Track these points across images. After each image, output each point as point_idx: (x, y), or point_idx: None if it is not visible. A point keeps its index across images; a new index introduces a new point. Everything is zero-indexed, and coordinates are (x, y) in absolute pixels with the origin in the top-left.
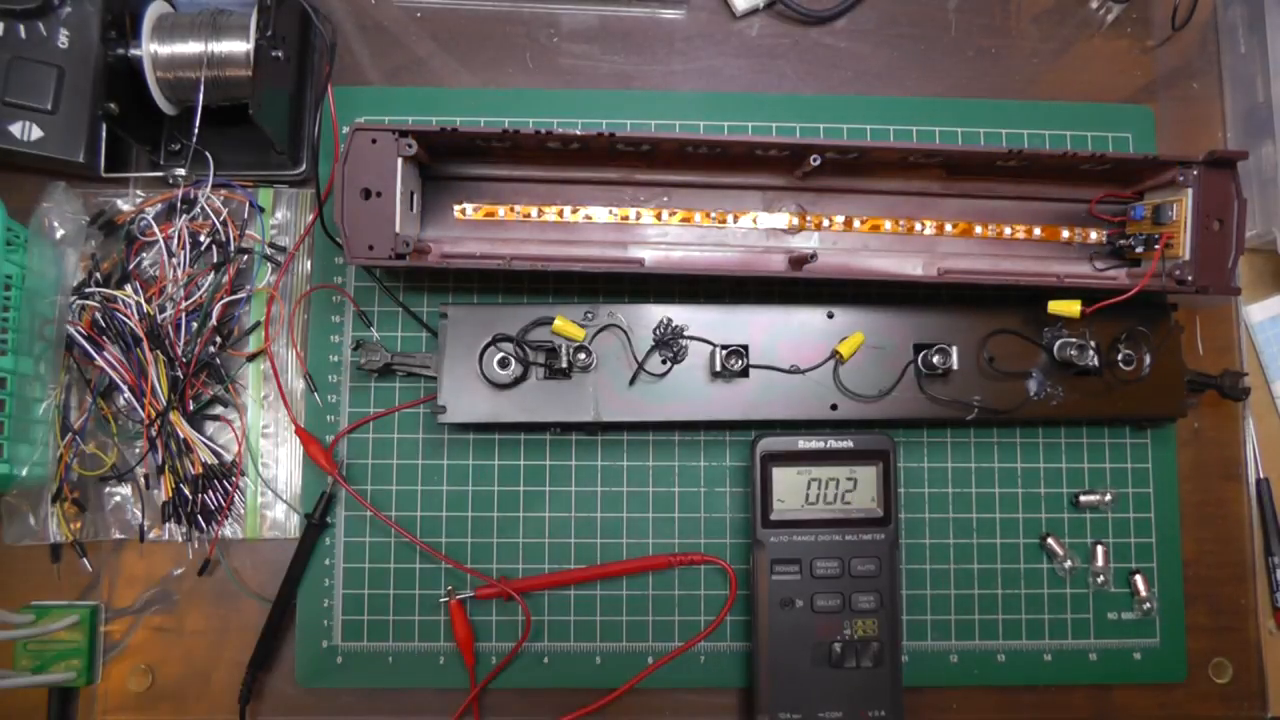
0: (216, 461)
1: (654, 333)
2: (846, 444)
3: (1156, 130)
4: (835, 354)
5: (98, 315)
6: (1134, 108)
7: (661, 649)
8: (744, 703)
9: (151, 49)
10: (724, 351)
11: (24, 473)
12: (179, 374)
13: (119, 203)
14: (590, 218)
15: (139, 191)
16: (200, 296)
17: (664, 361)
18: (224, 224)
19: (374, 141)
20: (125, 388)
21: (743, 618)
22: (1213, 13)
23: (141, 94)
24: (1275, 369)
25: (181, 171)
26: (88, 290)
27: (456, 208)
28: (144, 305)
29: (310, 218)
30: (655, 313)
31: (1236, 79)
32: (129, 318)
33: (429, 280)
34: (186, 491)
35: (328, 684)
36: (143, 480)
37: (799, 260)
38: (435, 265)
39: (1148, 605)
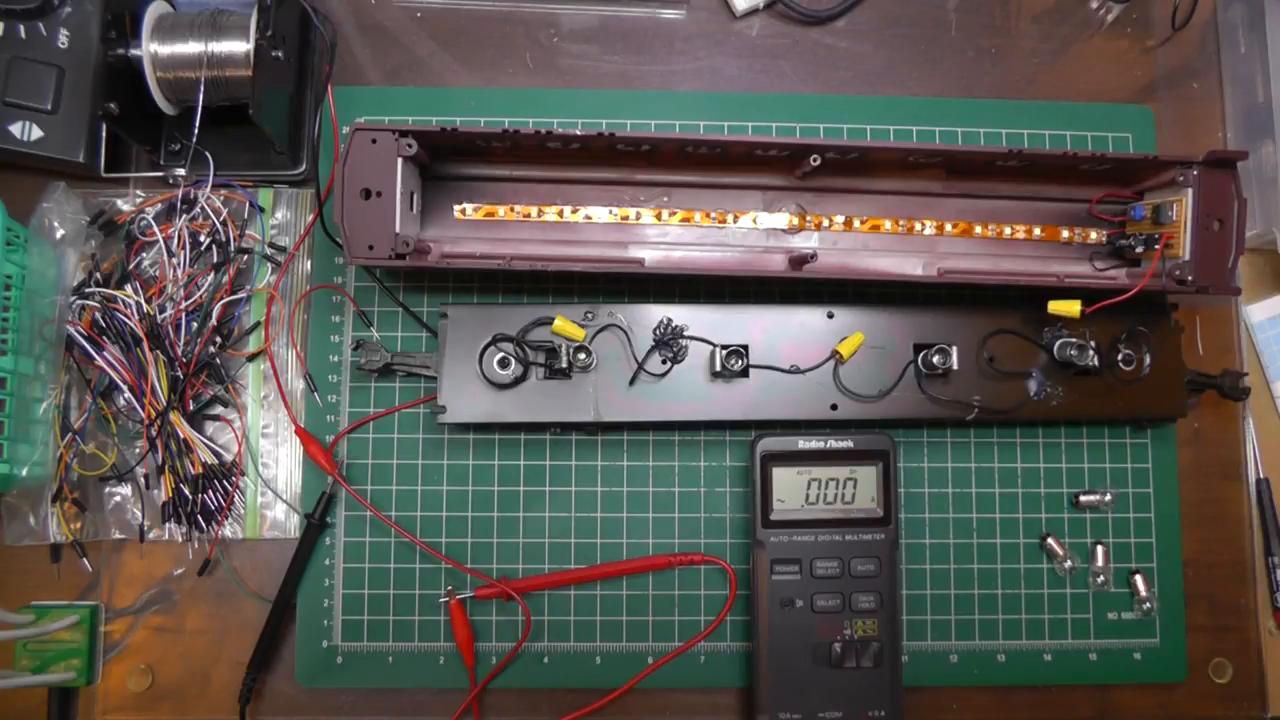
0: (216, 461)
1: (654, 333)
2: (846, 444)
3: (1156, 130)
4: (835, 354)
5: (98, 315)
6: (1134, 108)
7: (661, 649)
8: (744, 703)
9: (151, 49)
10: (724, 351)
11: (24, 473)
12: (179, 374)
13: (119, 203)
14: (590, 218)
15: (139, 191)
16: (200, 296)
17: (664, 361)
18: (224, 224)
19: (374, 141)
20: (125, 388)
21: (743, 618)
22: (1213, 13)
23: (141, 94)
24: (1275, 369)
25: (181, 171)
26: (88, 290)
27: (456, 208)
28: (144, 305)
29: (310, 218)
30: (655, 313)
31: (1236, 79)
32: (129, 318)
33: (429, 280)
34: (186, 491)
35: (328, 684)
36: (143, 480)
37: (799, 260)
38: (435, 265)
39: (1148, 605)
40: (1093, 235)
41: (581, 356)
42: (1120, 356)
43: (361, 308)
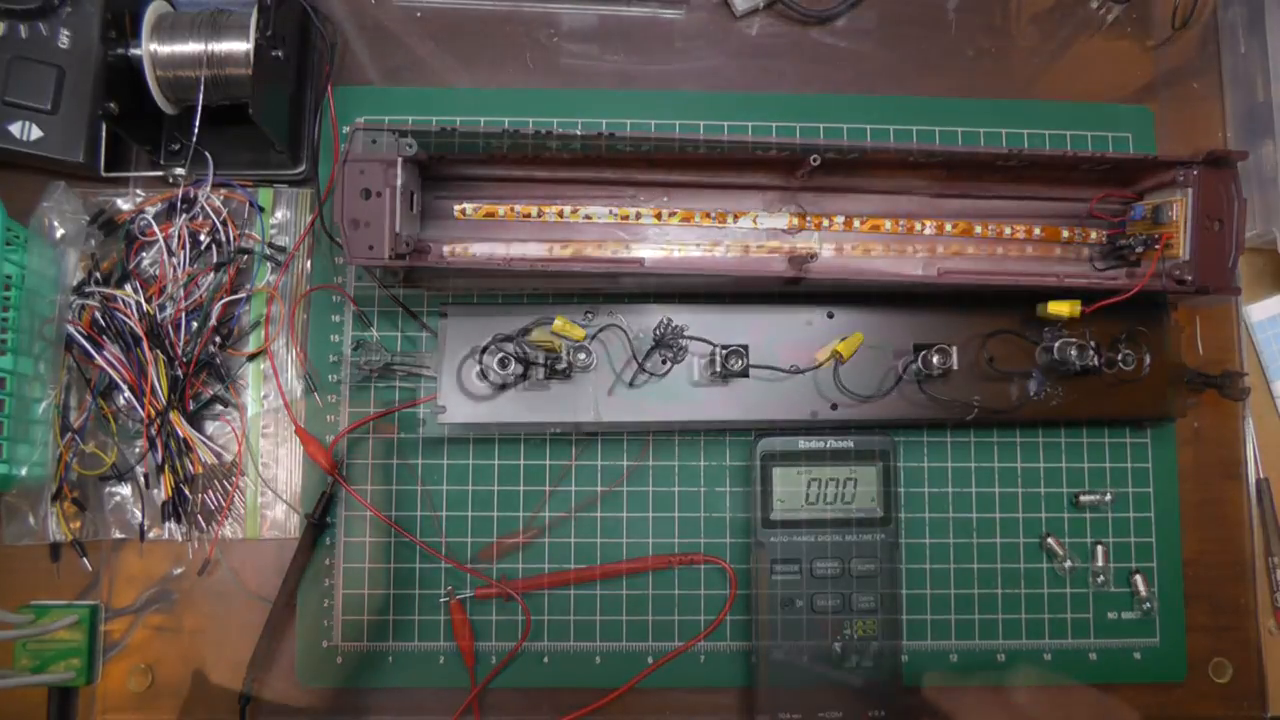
0: (216, 461)
1: (654, 333)
2: (846, 444)
3: (1156, 130)
4: (835, 354)
5: (98, 315)
6: (1134, 108)
7: (661, 649)
8: (744, 703)
9: (151, 49)
10: (724, 351)
11: (24, 472)
12: (179, 373)
13: (119, 202)
14: (590, 218)
15: (139, 191)
16: (200, 296)
17: (664, 361)
18: (224, 224)
19: (374, 141)
20: (125, 387)
21: (743, 618)
22: (1213, 13)
23: (141, 94)
24: (1275, 369)
25: (181, 171)
26: (88, 290)
27: (456, 208)
28: (144, 305)
29: (310, 218)
30: (655, 313)
31: (1236, 79)
32: (129, 317)
33: (429, 280)
34: (186, 491)
35: (328, 684)
36: (143, 480)
37: (799, 260)
38: (435, 265)
39: (1148, 605)
40: (1092, 235)
41: (581, 356)
42: (1120, 356)
43: (361, 308)
